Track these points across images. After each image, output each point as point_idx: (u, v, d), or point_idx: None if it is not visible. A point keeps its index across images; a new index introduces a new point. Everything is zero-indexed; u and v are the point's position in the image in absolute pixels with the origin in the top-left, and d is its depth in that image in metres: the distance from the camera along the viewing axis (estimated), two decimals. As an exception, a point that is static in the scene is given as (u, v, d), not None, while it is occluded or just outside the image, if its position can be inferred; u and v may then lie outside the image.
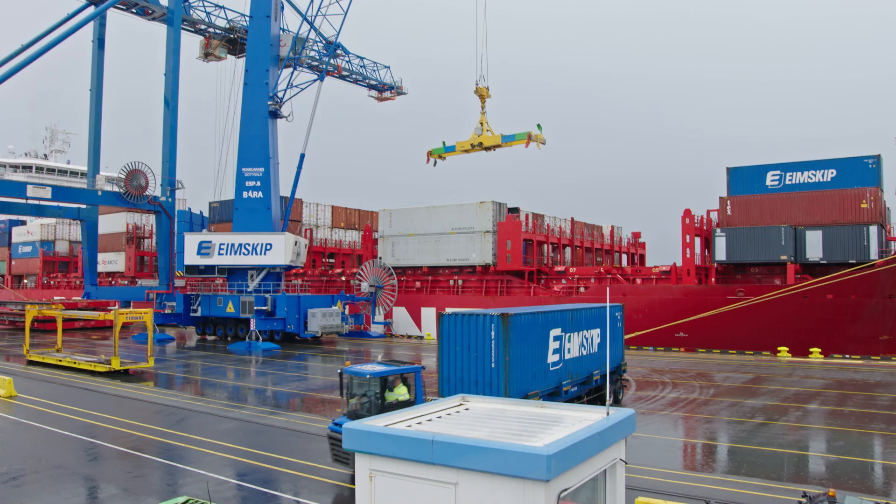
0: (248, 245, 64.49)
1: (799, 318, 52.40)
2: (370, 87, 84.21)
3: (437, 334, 24.39)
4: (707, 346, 55.97)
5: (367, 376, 19.36)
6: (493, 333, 22.96)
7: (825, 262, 53.64)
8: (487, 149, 57.92)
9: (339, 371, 20.71)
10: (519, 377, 23.44)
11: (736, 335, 54.53)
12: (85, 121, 74.96)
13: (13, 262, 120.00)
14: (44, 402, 33.06)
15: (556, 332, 26.62)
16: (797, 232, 54.50)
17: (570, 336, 27.80)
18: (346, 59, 79.05)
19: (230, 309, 64.90)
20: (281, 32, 69.63)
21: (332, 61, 73.34)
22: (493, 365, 22.88)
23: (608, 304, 22.85)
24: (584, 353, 29.24)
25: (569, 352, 27.69)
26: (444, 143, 60.21)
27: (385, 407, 18.73)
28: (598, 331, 30.52)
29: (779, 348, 52.68)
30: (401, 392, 19.56)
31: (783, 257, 54.34)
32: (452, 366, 23.82)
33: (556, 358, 26.56)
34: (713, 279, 58.74)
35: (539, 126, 55.09)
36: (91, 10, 68.21)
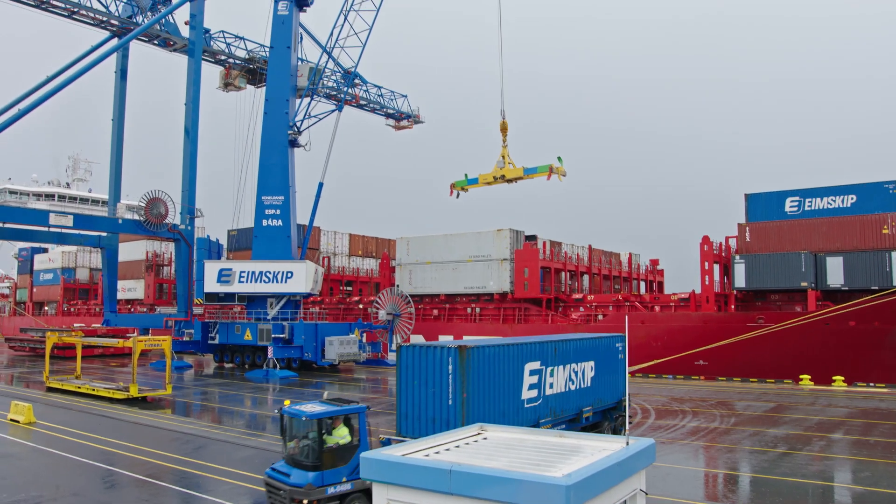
0: (269, 273, 64.75)
1: (821, 346, 51.69)
2: (388, 115, 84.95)
3: (397, 368, 23.02)
4: (727, 374, 55.29)
5: (303, 418, 17.86)
6: (450, 368, 21.37)
7: (846, 288, 52.97)
8: (510, 181, 58.70)
9: (277, 411, 19.41)
10: (481, 415, 21.46)
11: (757, 363, 53.86)
12: (107, 149, 76.10)
13: (35, 290, 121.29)
14: (62, 428, 33.17)
15: (532, 365, 24.81)
16: (818, 258, 53.97)
17: (552, 370, 25.93)
18: (364, 88, 79.88)
19: (248, 336, 65.02)
20: (299, 63, 70.53)
21: (350, 91, 74.10)
22: (450, 402, 21.31)
23: (603, 335, 22.38)
24: (573, 387, 27.37)
25: (550, 387, 25.82)
26: (465, 175, 60.94)
27: (324, 452, 17.54)
28: (590, 364, 28.66)
29: (801, 376, 51.94)
30: (341, 434, 18.17)
31: (804, 284, 53.76)
32: (410, 402, 22.36)
33: (532, 394, 24.76)
34: (733, 306, 58.18)
35: (560, 159, 56.00)
36: (114, 42, 69.52)
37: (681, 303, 61.44)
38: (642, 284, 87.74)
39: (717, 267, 59.96)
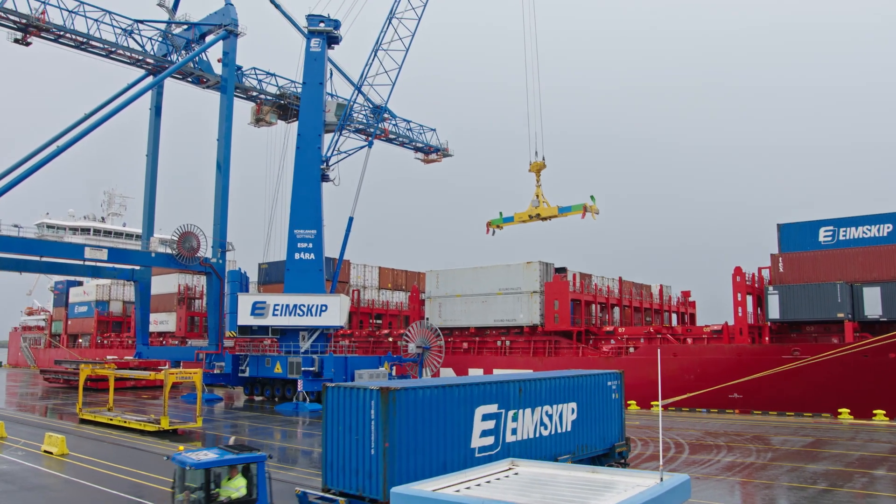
0: (304, 306, 64.97)
1: (860, 379, 50.45)
2: (416, 149, 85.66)
3: (323, 411, 21.04)
4: (763, 408, 54.14)
5: (188, 467, 15.97)
6: (372, 413, 19.16)
7: (885, 319, 51.84)
8: (544, 219, 60.64)
9: (166, 458, 17.62)
10: (411, 467, 19.29)
11: (793, 396, 52.71)
12: (141, 184, 77.51)
13: (69, 322, 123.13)
14: (94, 460, 33.37)
15: (487, 409, 22.33)
16: (854, 289, 52.96)
17: (515, 413, 23.40)
18: (393, 122, 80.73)
19: (278, 369, 65.21)
20: (327, 98, 71.52)
21: (379, 125, 74.96)
22: (372, 451, 19.07)
23: (590, 372, 21.29)
24: (546, 433, 24.77)
25: (513, 433, 23.19)
26: (500, 213, 62.98)
27: None
28: (571, 405, 26.17)
29: (839, 410, 50.67)
30: (237, 485, 16.42)
31: (840, 315, 52.72)
32: (336, 450, 20.23)
33: (487, 441, 22.22)
34: (767, 338, 57.17)
35: (592, 197, 57.80)
36: (149, 80, 71.19)
37: (714, 335, 60.53)
38: (674, 316, 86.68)
39: (750, 298, 59.08)
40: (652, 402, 57.08)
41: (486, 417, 22.23)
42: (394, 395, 18.94)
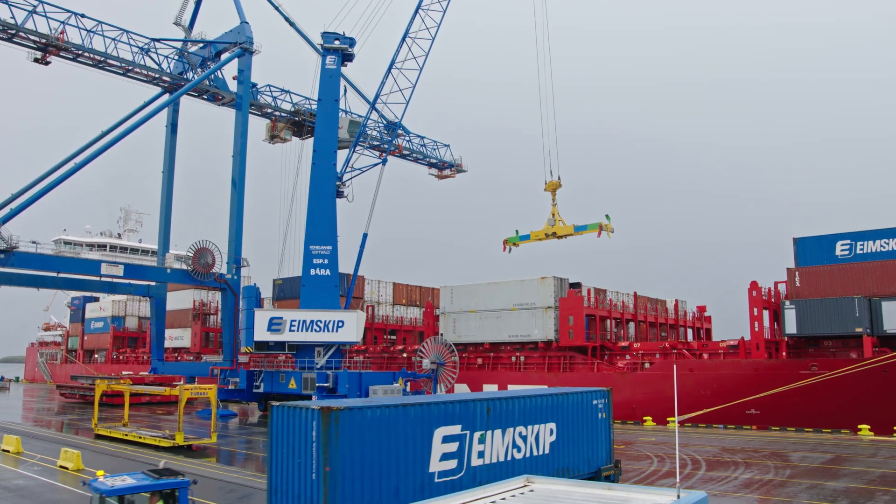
0: (320, 322, 64.90)
1: (880, 394, 49.80)
2: (430, 165, 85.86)
3: (268, 432, 19.84)
4: (781, 424, 53.55)
5: (99, 494, 15.26)
6: (313, 434, 17.78)
7: (904, 334, 51.28)
8: (560, 237, 61.37)
9: (83, 484, 16.91)
10: (357, 493, 18.01)
11: (811, 412, 52.10)
12: (157, 200, 78.14)
13: (86, 338, 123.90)
14: (109, 477, 33.42)
15: (448, 430, 20.83)
16: (872, 303, 52.42)
17: (483, 435, 21.92)
18: (407, 138, 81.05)
19: (292, 385, 65.18)
20: (341, 115, 71.91)
21: (394, 141, 75.30)
22: (313, 476, 17.78)
23: (573, 390, 20.41)
24: (520, 456, 23.14)
25: (479, 456, 21.66)
26: (517, 231, 63.72)
27: None
28: (550, 426, 24.62)
29: (859, 426, 50.01)
30: None
31: (858, 329, 52.17)
32: (280, 474, 19.03)
33: (448, 465, 20.80)
34: (784, 353, 56.64)
35: (608, 216, 58.64)
36: (166, 97, 71.90)
37: (730, 350, 60.05)
38: (689, 332, 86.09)
39: (766, 313, 58.61)
40: (668, 418, 56.63)
41: (447, 439, 20.71)
42: (336, 415, 17.59)
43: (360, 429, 18.35)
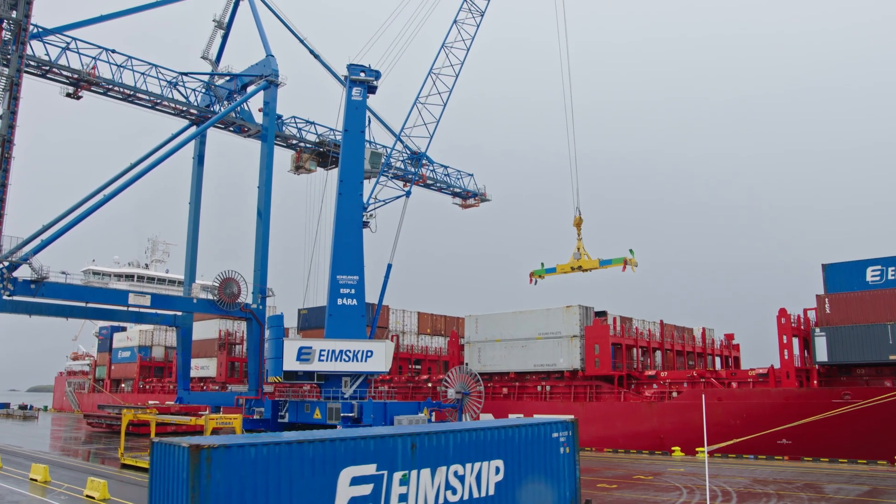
0: (349, 352, 64.70)
1: (915, 424, 48.64)
2: (454, 194, 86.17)
3: (150, 471, 17.69)
4: (813, 454, 52.40)
5: None
6: (184, 474, 15.41)
7: (940, 361, 50.16)
8: (585, 271, 63.48)
9: None
10: None
11: (845, 442, 50.97)
12: (184, 231, 79.03)
13: (113, 367, 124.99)
14: (136, 507, 33.44)
15: (359, 470, 18.34)
16: (905, 330, 51.39)
17: (405, 476, 19.32)
18: (431, 168, 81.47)
19: (317, 415, 64.95)
20: (366, 145, 72.53)
21: (418, 171, 75.84)
22: None
23: (526, 421, 17.40)
24: (455, 499, 20.68)
25: (402, 500, 19.24)
26: (542, 264, 65.59)
27: None
28: (496, 464, 21.98)
29: None
30: None
31: (892, 357, 51.14)
32: None
33: None
34: (815, 382, 55.63)
35: (632, 251, 60.79)
36: (193, 129, 72.98)
37: (759, 378, 59.05)
38: (717, 360, 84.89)
39: (796, 340, 57.68)
40: (697, 448, 55.65)
41: (358, 481, 18.09)
42: (208, 453, 14.99)
43: (240, 471, 15.75)
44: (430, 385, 78.75)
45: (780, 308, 57.03)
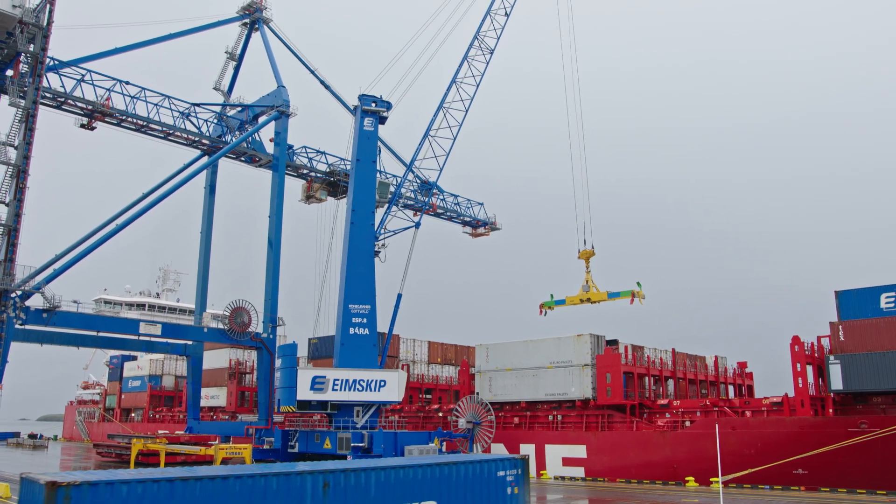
0: (363, 381, 64.44)
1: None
2: (464, 223, 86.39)
3: None
4: (831, 485, 51.59)
5: None
6: None
7: (957, 390, 49.50)
8: (594, 303, 65.92)
9: None
10: None
11: (864, 472, 50.15)
12: (195, 260, 79.47)
13: (123, 396, 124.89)
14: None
15: None
16: (921, 358, 50.80)
17: None
18: (441, 197, 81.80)
19: (327, 445, 64.55)
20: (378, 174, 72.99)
21: (428, 201, 76.20)
22: None
23: (464, 458, 14.62)
24: None
25: None
26: (551, 295, 67.92)
27: None
28: None
29: (914, 487, 48.01)
30: None
31: (909, 385, 50.49)
32: None
33: None
34: (831, 410, 54.92)
35: (639, 284, 63.38)
36: (205, 160, 73.69)
37: (773, 407, 58.38)
38: (730, 388, 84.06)
39: (810, 368, 57.06)
40: (711, 479, 54.89)
41: None
42: (66, 491, 13.02)
43: None
44: (440, 415, 78.24)
45: (793, 335, 56.54)
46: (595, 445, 64.46)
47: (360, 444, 61.78)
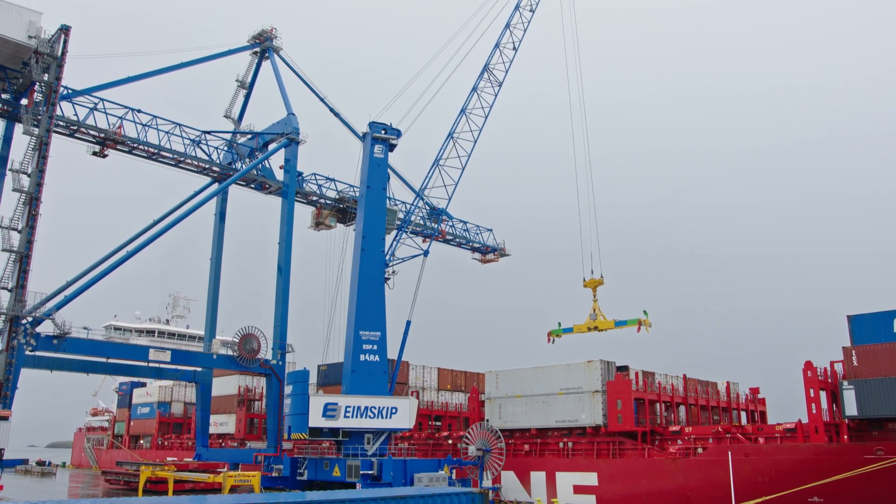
0: (374, 408, 64.02)
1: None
2: (473, 249, 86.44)
3: None
4: (847, 514, 50.77)
5: None
6: None
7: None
8: (601, 331, 67.27)
9: None
10: None
11: (880, 499, 49.39)
12: (204, 287, 79.65)
13: (132, 423, 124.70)
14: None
15: None
16: (937, 383, 50.21)
17: None
18: (450, 223, 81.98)
19: (336, 473, 64.05)
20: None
21: (438, 227, 76.46)
22: None
23: (425, 490, 14.29)
24: None
25: None
26: (559, 323, 69.46)
27: None
28: None
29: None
30: None
31: (925, 411, 49.85)
32: None
33: None
34: (845, 437, 54.24)
35: (646, 312, 64.91)
36: (215, 186, 74.15)
37: (787, 433, 57.66)
38: (743, 414, 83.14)
39: (823, 394, 56.44)
40: (725, 507, 54.17)
41: None
42: None
43: None
44: (450, 442, 77.63)
45: (805, 361, 56.02)
46: (606, 473, 63.77)
47: (370, 472, 61.29)
